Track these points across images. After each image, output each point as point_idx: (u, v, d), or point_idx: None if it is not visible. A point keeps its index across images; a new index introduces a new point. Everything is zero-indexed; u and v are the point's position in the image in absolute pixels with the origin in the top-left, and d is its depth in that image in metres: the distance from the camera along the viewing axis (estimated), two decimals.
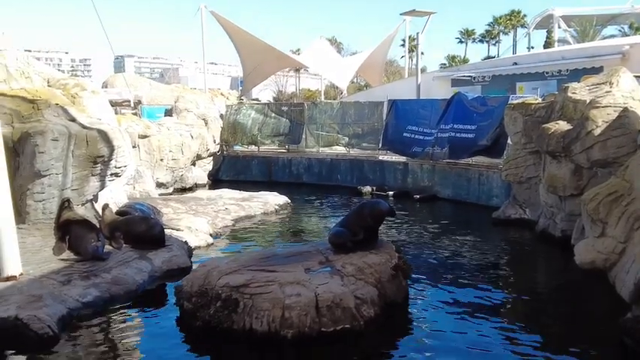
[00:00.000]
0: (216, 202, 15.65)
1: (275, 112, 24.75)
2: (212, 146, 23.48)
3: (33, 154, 10.47)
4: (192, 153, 21.75)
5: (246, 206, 15.62)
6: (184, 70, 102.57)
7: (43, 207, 10.68)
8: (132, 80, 27.10)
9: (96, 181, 11.55)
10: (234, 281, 7.18)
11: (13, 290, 7.72)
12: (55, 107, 11.56)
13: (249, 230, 13.99)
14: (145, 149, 19.53)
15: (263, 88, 53.39)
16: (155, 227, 10.59)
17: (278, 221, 15.19)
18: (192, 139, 21.77)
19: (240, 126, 24.55)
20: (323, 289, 6.96)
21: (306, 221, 15.50)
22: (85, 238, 9.36)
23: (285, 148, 24.26)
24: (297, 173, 22.92)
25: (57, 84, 13.26)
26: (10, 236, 8.19)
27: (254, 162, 23.97)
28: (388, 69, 57.01)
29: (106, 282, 8.47)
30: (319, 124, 23.34)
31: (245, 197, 16.77)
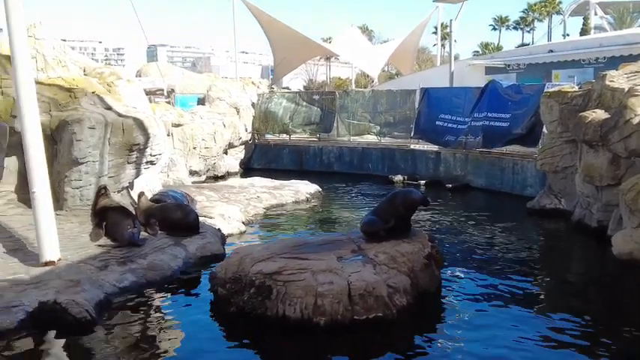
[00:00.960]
0: (248, 191, 15.79)
1: (306, 101, 24.75)
2: (244, 135, 23.62)
3: (70, 142, 10.68)
4: (224, 141, 21.92)
5: (278, 194, 15.71)
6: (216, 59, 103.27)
7: (80, 194, 10.90)
8: (165, 69, 27.40)
9: (132, 168, 11.74)
10: (268, 268, 7.24)
11: (52, 275, 7.93)
12: (91, 96, 11.76)
13: (281, 218, 14.08)
14: (179, 138, 19.76)
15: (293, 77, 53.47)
16: (190, 214, 10.76)
17: (309, 210, 15.25)
18: (225, 127, 21.94)
19: (271, 115, 24.64)
20: (355, 278, 6.98)
21: (337, 210, 15.52)
22: (122, 225, 9.57)
23: (317, 136, 24.27)
24: (328, 162, 22.93)
25: (93, 73, 13.47)
26: (48, 222, 8.38)
27: (285, 150, 24.06)
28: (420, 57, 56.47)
29: (142, 268, 8.64)
30: (350, 112, 23.27)
31: (276, 186, 16.86)
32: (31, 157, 8.26)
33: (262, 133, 24.74)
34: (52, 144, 10.77)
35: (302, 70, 54.03)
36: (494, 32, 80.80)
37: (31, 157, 8.26)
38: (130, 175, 11.81)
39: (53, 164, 10.59)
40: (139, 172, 12.15)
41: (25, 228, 9.68)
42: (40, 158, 8.34)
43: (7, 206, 10.41)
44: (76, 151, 10.68)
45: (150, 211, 10.76)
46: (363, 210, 14.78)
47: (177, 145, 19.53)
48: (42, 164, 8.36)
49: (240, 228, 12.26)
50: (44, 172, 8.39)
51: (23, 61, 8.19)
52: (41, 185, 8.30)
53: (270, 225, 13.47)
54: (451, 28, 27.22)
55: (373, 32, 76.18)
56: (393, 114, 22.36)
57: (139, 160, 11.81)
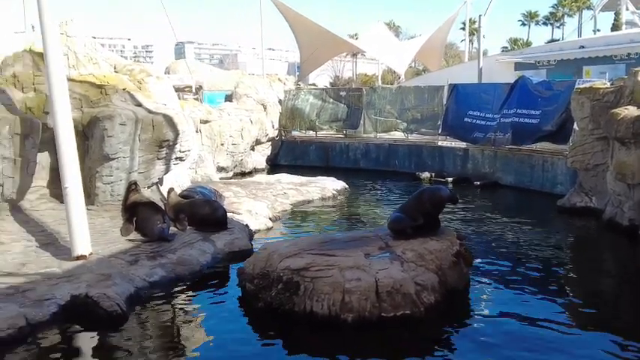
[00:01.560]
0: (275, 187, 15.86)
1: (333, 98, 24.74)
2: (271, 131, 23.71)
3: (102, 138, 10.86)
4: (251, 138, 22.04)
5: (304, 191, 15.75)
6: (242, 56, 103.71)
7: (111, 189, 11.08)
8: (193, 66, 27.65)
9: (161, 164, 11.89)
10: (295, 264, 7.27)
11: (84, 269, 8.09)
12: (122, 92, 11.93)
13: (308, 215, 14.11)
14: (207, 134, 19.92)
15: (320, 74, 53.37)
16: (218, 210, 10.86)
17: (336, 206, 15.25)
18: (252, 124, 22.05)
19: (298, 111, 24.68)
20: (383, 275, 6.96)
21: (364, 207, 15.50)
22: (152, 220, 9.71)
23: (343, 133, 24.24)
24: (354, 158, 22.88)
25: (123, 70, 13.65)
26: (80, 217, 8.55)
27: (312, 147, 24.07)
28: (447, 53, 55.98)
29: (172, 262, 8.75)
30: (377, 109, 23.17)
31: (303, 182, 16.90)
32: (63, 153, 8.42)
33: (289, 130, 24.79)
34: (83, 140, 10.96)
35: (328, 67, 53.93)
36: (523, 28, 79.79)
37: (64, 153, 8.42)
38: (159, 171, 11.96)
39: (85, 160, 10.77)
40: (169, 168, 12.29)
41: (57, 222, 9.88)
42: (72, 154, 8.50)
43: (39, 201, 10.62)
44: (107, 147, 10.85)
45: (179, 206, 10.89)
46: (389, 207, 14.72)
47: (205, 141, 19.70)
48: (74, 160, 8.52)
49: (268, 224, 12.32)
50: (76, 168, 8.55)
51: (55, 58, 8.35)
52: (73, 180, 8.47)
53: (297, 221, 13.51)
54: (480, 23, 26.90)
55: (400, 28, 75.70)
56: (420, 110, 22.19)
57: (169, 156, 11.95)
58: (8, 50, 12.25)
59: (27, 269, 8.08)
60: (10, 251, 8.71)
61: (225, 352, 6.44)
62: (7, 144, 9.25)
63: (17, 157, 9.42)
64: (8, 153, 9.26)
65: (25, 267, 8.16)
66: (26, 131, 9.54)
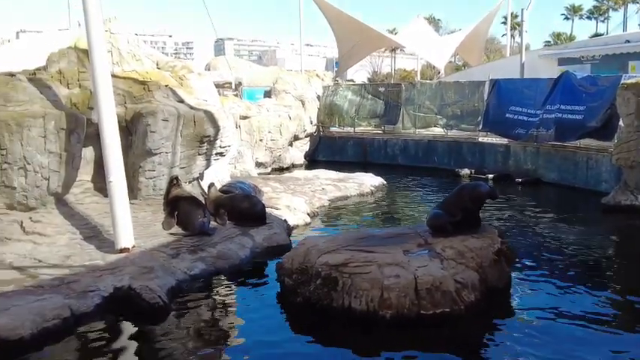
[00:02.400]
0: (313, 182, 15.88)
1: (371, 94, 24.65)
2: (309, 127, 23.75)
3: (145, 134, 11.04)
4: (290, 134, 22.12)
5: (342, 187, 15.73)
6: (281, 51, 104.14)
7: (153, 184, 11.26)
8: (233, 62, 27.88)
9: (202, 159, 12.03)
10: (334, 260, 7.26)
11: (126, 262, 8.24)
12: (164, 89, 12.10)
13: (345, 211, 14.10)
14: (246, 130, 20.09)
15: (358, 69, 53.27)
16: (257, 205, 10.94)
17: (374, 202, 15.19)
18: (290, 120, 22.13)
19: (336, 107, 24.65)
20: (422, 272, 6.90)
21: (402, 203, 15.40)
22: (193, 214, 9.85)
23: (381, 129, 24.13)
24: (392, 154, 22.75)
25: (165, 66, 13.85)
26: (124, 211, 8.70)
27: (350, 143, 24.03)
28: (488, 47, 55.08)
29: (212, 256, 8.86)
30: (416, 104, 22.98)
31: (341, 178, 16.88)
32: (107, 148, 8.59)
33: (327, 126, 24.80)
34: (126, 135, 11.15)
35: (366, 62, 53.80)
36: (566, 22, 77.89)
37: (108, 148, 8.59)
38: (200, 166, 12.10)
39: (128, 155, 10.95)
40: (209, 164, 12.43)
41: (100, 216, 10.08)
42: (116, 149, 8.66)
43: (84, 195, 10.84)
44: (149, 143, 11.02)
45: (219, 201, 11.01)
46: (428, 204, 14.61)
47: (244, 137, 19.86)
48: (118, 154, 8.67)
49: (306, 219, 12.35)
50: (120, 162, 8.70)
51: (100, 55, 8.51)
52: (117, 175, 8.63)
53: (335, 217, 13.51)
54: (522, 17, 26.32)
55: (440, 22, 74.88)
56: (460, 106, 21.91)
57: (209, 152, 12.08)
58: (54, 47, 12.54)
59: (71, 261, 8.28)
60: (56, 243, 8.94)
61: (263, 345, 6.47)
62: (53, 139, 9.46)
63: (63, 152, 9.62)
64: (54, 148, 9.47)
65: (70, 259, 8.36)
66: (71, 126, 9.74)
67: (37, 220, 9.36)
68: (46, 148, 9.38)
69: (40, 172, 9.36)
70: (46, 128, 9.35)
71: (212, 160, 12.43)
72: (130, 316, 7.15)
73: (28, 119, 9.22)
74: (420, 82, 28.07)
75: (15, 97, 9.57)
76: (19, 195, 9.33)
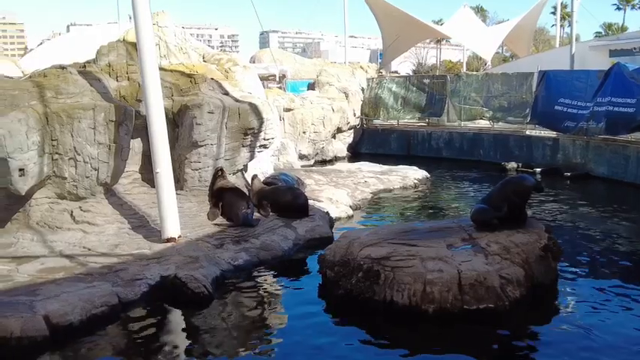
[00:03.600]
0: (355, 175, 15.86)
1: (416, 86, 24.40)
2: (352, 119, 23.71)
3: (191, 126, 11.20)
4: (333, 126, 22.13)
5: (385, 180, 15.66)
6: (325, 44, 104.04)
7: (199, 175, 11.43)
8: (278, 55, 27.99)
9: (246, 151, 12.15)
10: (376, 253, 7.25)
11: (173, 251, 8.42)
12: (210, 81, 12.24)
13: (388, 204, 14.03)
14: (289, 122, 20.19)
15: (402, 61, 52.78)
16: (300, 197, 11.01)
17: (417, 196, 15.07)
18: (334, 112, 22.12)
19: (380, 99, 24.52)
20: (466, 267, 6.82)
21: (446, 197, 15.23)
22: (237, 206, 10.00)
23: (426, 121, 23.88)
24: (437, 147, 22.51)
25: (211, 59, 14.00)
26: (170, 201, 8.88)
27: (393, 135, 23.89)
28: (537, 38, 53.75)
29: (255, 247, 8.97)
30: (462, 96, 22.64)
31: (384, 171, 16.81)
32: (155, 140, 8.76)
33: (371, 118, 24.70)
34: (173, 127, 11.33)
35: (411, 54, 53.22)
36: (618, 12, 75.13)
37: (155, 140, 8.76)
38: (244, 158, 12.23)
39: (175, 147, 11.13)
40: (253, 155, 12.55)
41: (148, 206, 10.31)
42: (164, 140, 8.83)
43: (132, 185, 11.08)
44: (195, 135, 11.19)
45: (262, 193, 11.13)
46: (473, 198, 14.42)
47: (287, 129, 19.97)
48: (165, 146, 8.84)
49: (348, 212, 12.35)
50: (167, 154, 8.87)
51: (148, 48, 8.66)
52: (164, 166, 8.79)
53: (378, 210, 13.47)
54: (572, 7, 25.58)
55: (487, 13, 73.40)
56: (507, 98, 21.47)
57: (253, 144, 12.19)
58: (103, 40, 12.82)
59: (119, 250, 8.52)
60: (104, 232, 9.18)
61: (304, 336, 6.52)
62: (103, 130, 9.66)
63: (112, 143, 9.83)
64: (103, 139, 9.69)
65: (118, 248, 8.59)
66: (120, 118, 9.93)
67: (86, 210, 9.61)
68: (96, 139, 9.60)
69: (90, 163, 9.59)
70: (96, 120, 9.56)
71: (256, 152, 12.54)
72: (175, 305, 7.32)
73: (79, 111, 9.45)
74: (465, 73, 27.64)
75: (66, 90, 9.80)
76: (69, 185, 9.57)
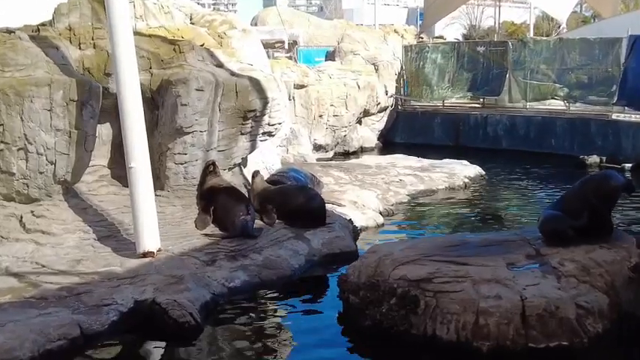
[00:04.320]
0: (387, 172, 15.85)
1: (467, 55, 24.29)
2: (383, 99, 23.66)
3: (174, 107, 11.20)
4: (358, 108, 22.10)
5: (426, 178, 15.63)
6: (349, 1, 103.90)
7: (184, 171, 11.45)
8: (287, 15, 27.96)
9: (245, 141, 12.16)
10: (413, 274, 7.23)
11: (150, 269, 8.44)
12: (199, 50, 12.24)
13: (430, 209, 14.02)
14: (302, 102, 20.20)
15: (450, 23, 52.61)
16: (314, 200, 11.01)
17: (468, 199, 15.05)
18: (359, 89, 22.09)
19: (420, 73, 24.46)
20: (532, 292, 6.78)
21: (506, 200, 15.19)
22: (233, 211, 10.02)
23: (480, 102, 23.78)
24: (494, 136, 22.46)
25: (201, 21, 14.02)
26: (148, 204, 8.90)
27: (437, 120, 23.86)
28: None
29: (257, 264, 8.98)
30: (528, 69, 22.53)
31: (425, 166, 16.78)
32: (128, 125, 8.79)
33: (408, 98, 24.63)
34: (152, 109, 11.39)
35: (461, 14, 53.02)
36: None
37: (129, 125, 8.79)
38: (243, 148, 12.25)
39: (154, 134, 11.19)
40: (254, 146, 12.56)
41: (119, 210, 10.36)
42: (139, 127, 8.85)
43: (98, 183, 11.13)
44: (180, 119, 11.20)
45: (266, 194, 11.15)
46: (541, 202, 14.39)
47: (299, 111, 19.99)
48: (141, 134, 8.87)
49: (378, 220, 12.32)
50: (143, 144, 8.89)
51: (120, 7, 8.67)
52: (140, 159, 8.81)
53: (416, 217, 13.46)
54: None
55: None
56: (588, 71, 21.34)
57: (255, 131, 12.21)
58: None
59: (82, 267, 8.54)
60: (63, 245, 9.21)
61: None
62: (61, 113, 9.66)
63: (73, 130, 9.83)
64: (62, 124, 9.69)
65: (81, 264, 8.62)
66: (84, 97, 9.95)
67: (40, 215, 9.65)
68: (52, 124, 9.61)
69: (45, 155, 9.62)
70: (53, 99, 9.57)
71: (258, 142, 12.55)
72: (152, 337, 7.35)
73: (30, 88, 9.44)
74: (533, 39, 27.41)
75: (14, 60, 9.77)
76: (18, 183, 9.57)
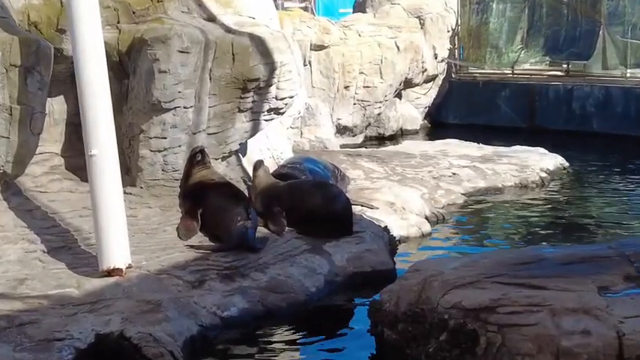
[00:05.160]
0: (437, 163, 15.88)
1: (547, 4, 24.17)
2: (431, 65, 23.61)
3: (150, 75, 11.16)
4: (397, 76, 22.03)
5: (489, 171, 15.63)
6: None
7: (163, 160, 11.44)
8: None
9: (245, 120, 12.14)
10: (472, 301, 7.20)
11: (117, 291, 8.44)
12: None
13: (494, 213, 14.06)
14: (321, 69, 20.16)
15: None
16: (337, 201, 10.99)
17: (546, 199, 15.05)
18: (399, 52, 22.04)
19: (482, 30, 24.43)
20: (633, 327, 6.75)
21: (597, 202, 15.14)
22: (228, 214, 10.03)
23: (562, 68, 23.66)
24: (582, 114, 22.39)
25: None
26: (114, 206, 8.87)
27: (504, 93, 23.77)
28: None
29: (259, 287, 8.96)
30: (628, 23, 22.40)
31: (487, 156, 16.80)
32: (88, 99, 8.79)
33: (466, 63, 24.55)
34: (120, 78, 11.46)
35: None
36: None
37: (89, 99, 8.79)
38: (242, 131, 12.24)
39: (122, 111, 11.26)
40: (257, 127, 12.55)
41: (76, 213, 10.40)
42: (103, 101, 8.84)
43: (49, 177, 11.18)
44: (158, 91, 11.17)
45: (273, 192, 11.15)
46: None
47: (318, 81, 19.96)
48: (105, 111, 8.85)
49: (423, 227, 12.31)
50: (108, 125, 8.89)
51: None
52: (104, 145, 8.79)
53: (475, 224, 13.51)
54: None
55: None
56: None
57: (258, 107, 12.19)
58: None
59: (27, 289, 8.54)
60: (2, 259, 9.21)
61: None
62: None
63: (14, 105, 9.77)
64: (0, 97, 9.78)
65: (25, 285, 8.62)
66: (29, 62, 9.90)
67: None
68: None
69: None
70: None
71: (262, 122, 12.54)
72: None
73: None
74: None
75: None
76: None
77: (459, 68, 24.58)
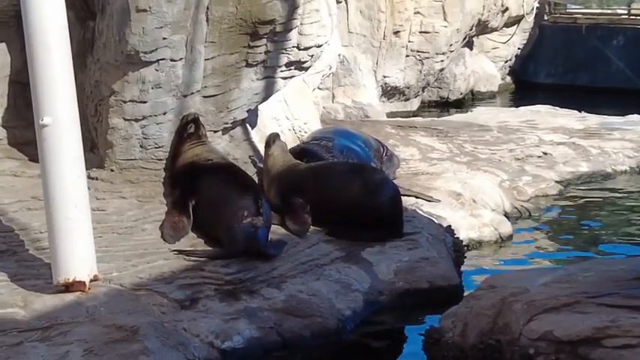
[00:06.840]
0: (521, 139, 15.94)
1: None
2: (515, 3, 23.56)
3: (124, 15, 11.25)
4: (466, 18, 22.03)
5: (595, 150, 15.65)
6: None
7: (141, 133, 11.53)
8: None
9: (255, 77, 12.19)
10: (567, 329, 7.22)
11: (79, 313, 8.49)
12: None
13: (600, 209, 14.05)
14: (361, 7, 20.17)
15: None
16: (381, 190, 11.04)
17: None
18: None
19: None
20: None
21: None
22: (231, 208, 10.07)
23: None
24: None
25: None
26: (73, 196, 8.92)
27: (615, 41, 23.73)
28: None
29: (273, 308, 9.01)
30: None
31: (592, 128, 16.84)
32: (38, 50, 8.86)
33: (563, 0, 24.55)
34: (83, 19, 11.57)
35: None
36: None
37: (40, 50, 8.86)
38: (250, 93, 12.29)
39: (86, 65, 11.37)
40: (272, 89, 12.61)
41: (22, 205, 10.51)
42: (60, 51, 8.92)
43: None
44: (134, 36, 11.26)
45: (292, 177, 11.20)
46: None
47: (356, 24, 19.98)
48: (62, 64, 8.93)
49: (501, 228, 12.36)
50: (67, 84, 8.96)
51: None
52: (60, 111, 8.86)
53: (573, 224, 13.51)
54: None
55: None
56: None
57: (273, 60, 12.25)
58: None
59: None
60: None
61: None
62: None
63: None
64: None
65: None
66: None
67: None
68: None
69: None
70: None
71: (278, 81, 12.60)
72: None
73: None
74: None
75: None
76: None
77: (553, 7, 24.56)
